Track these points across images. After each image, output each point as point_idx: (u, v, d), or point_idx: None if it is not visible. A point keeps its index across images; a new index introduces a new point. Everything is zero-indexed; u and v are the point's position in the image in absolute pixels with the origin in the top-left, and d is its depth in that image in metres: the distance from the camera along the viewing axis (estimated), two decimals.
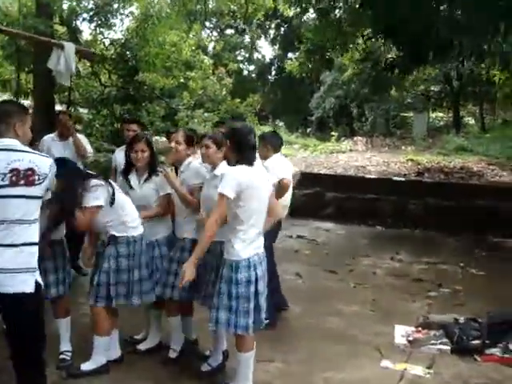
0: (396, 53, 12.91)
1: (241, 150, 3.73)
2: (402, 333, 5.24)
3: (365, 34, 12.50)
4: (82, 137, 6.80)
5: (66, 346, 4.46)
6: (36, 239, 3.06)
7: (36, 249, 3.07)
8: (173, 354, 4.49)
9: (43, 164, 3.07)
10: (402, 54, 11.78)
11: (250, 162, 3.70)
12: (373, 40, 12.80)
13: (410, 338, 5.12)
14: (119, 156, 5.76)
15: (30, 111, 12.36)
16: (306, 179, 12.38)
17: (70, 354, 4.44)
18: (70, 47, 6.93)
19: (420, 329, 5.32)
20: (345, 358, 4.65)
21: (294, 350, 4.76)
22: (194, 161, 4.48)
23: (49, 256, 4.09)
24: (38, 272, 3.08)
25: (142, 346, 4.71)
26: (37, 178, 3.01)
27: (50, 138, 6.65)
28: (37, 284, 3.05)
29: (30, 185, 2.99)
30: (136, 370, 4.33)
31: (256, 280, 3.71)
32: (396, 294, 6.66)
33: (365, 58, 14.30)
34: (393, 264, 8.25)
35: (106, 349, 4.25)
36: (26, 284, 2.98)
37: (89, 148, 6.66)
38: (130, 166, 4.58)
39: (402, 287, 6.97)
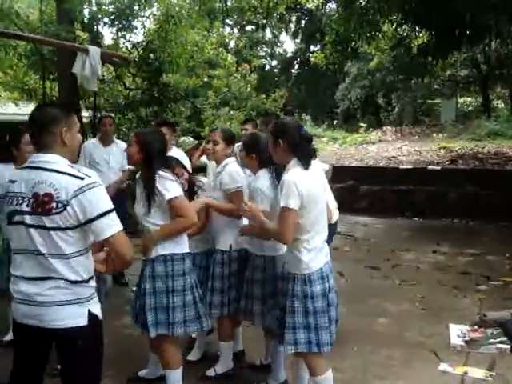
0: (427, 38, 12.54)
1: (296, 150, 3.33)
2: (457, 333, 4.98)
3: (394, 20, 12.16)
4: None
5: None
6: (80, 277, 2.56)
7: (84, 285, 2.58)
8: (211, 373, 4.24)
9: (64, 188, 2.47)
10: (435, 39, 11.43)
11: (306, 162, 3.32)
12: (404, 27, 12.47)
13: (467, 338, 4.85)
14: None
15: None
16: (338, 173, 12.11)
17: None
18: (95, 51, 6.74)
19: (476, 327, 5.05)
20: (400, 362, 4.42)
21: (344, 355, 4.51)
22: (231, 163, 4.17)
23: None
24: (93, 302, 2.63)
25: (190, 357, 4.52)
26: (54, 205, 2.46)
27: (91, 144, 6.40)
28: (90, 316, 2.59)
29: (46, 214, 2.48)
30: None
31: (329, 291, 3.39)
32: (444, 290, 6.39)
33: (397, 44, 13.90)
34: (436, 257, 7.98)
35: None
36: (73, 318, 2.54)
37: None
38: None
39: (450, 282, 6.70)
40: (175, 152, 5.85)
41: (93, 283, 2.64)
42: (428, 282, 6.72)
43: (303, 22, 31.97)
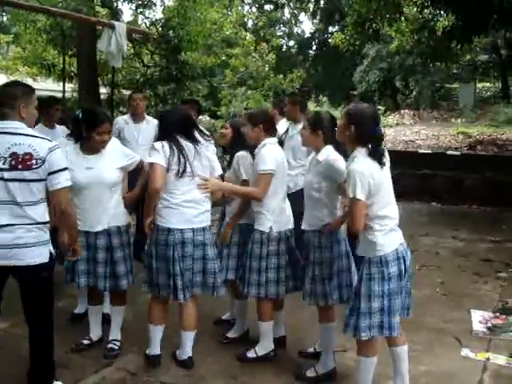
0: (452, 21, 12.35)
1: (367, 138, 3.27)
2: (479, 319, 4.94)
3: (418, 3, 11.97)
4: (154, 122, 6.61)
5: (115, 335, 4.38)
6: (45, 219, 3.29)
7: (47, 226, 3.33)
8: (251, 354, 4.23)
9: (41, 148, 3.18)
10: (461, 22, 11.24)
11: (379, 157, 3.27)
12: (427, 10, 12.28)
13: (489, 325, 4.81)
14: None
15: (75, 95, 12.43)
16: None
17: (118, 343, 4.34)
18: (120, 27, 6.68)
19: (498, 314, 5.01)
20: (421, 347, 4.38)
21: None
22: (268, 144, 4.07)
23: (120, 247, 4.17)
24: (50, 244, 3.37)
25: (230, 334, 4.56)
26: (34, 162, 3.16)
27: (122, 120, 6.33)
28: (50, 254, 3.36)
29: (28, 169, 3.15)
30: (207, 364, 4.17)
31: (405, 272, 3.36)
32: (465, 276, 6.34)
33: (421, 27, 13.68)
34: (455, 243, 7.91)
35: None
36: (41, 255, 3.28)
37: None
38: None
39: (470, 268, 6.64)
40: None
41: (48, 226, 3.35)
42: (448, 267, 6.67)
43: (322, 1, 31.61)
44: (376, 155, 3.26)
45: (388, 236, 3.31)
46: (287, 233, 4.13)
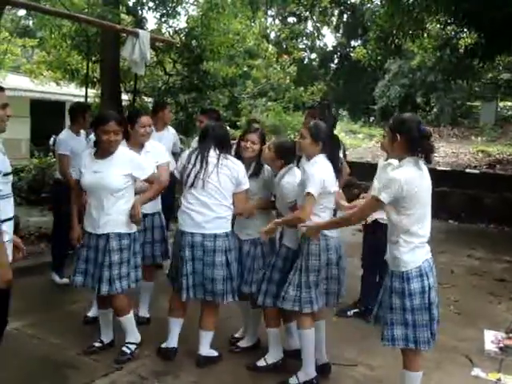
0: (475, 39, 12.31)
1: (413, 146, 3.29)
2: (491, 338, 4.92)
3: (441, 20, 11.97)
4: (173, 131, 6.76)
5: (128, 337, 4.39)
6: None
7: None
8: (261, 363, 4.26)
9: None
10: (484, 40, 11.21)
11: (425, 159, 3.33)
12: (450, 27, 12.27)
13: (501, 345, 4.80)
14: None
15: (97, 100, 12.56)
16: (373, 171, 12.01)
17: (132, 346, 4.36)
18: (144, 35, 6.76)
19: (511, 335, 4.98)
20: (432, 364, 4.36)
21: (377, 353, 4.44)
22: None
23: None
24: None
25: (241, 344, 4.61)
26: None
27: None
28: None
29: None
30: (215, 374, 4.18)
31: (430, 289, 3.37)
32: (479, 295, 6.32)
33: (443, 44, 13.65)
34: (471, 262, 7.88)
35: None
36: None
37: (178, 143, 6.79)
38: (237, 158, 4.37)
39: (485, 287, 6.63)
40: None
41: None
42: (463, 286, 6.65)
43: (345, 16, 31.63)
44: (427, 155, 3.32)
45: (412, 253, 3.32)
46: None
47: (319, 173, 3.80)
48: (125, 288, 4.18)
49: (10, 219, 3.24)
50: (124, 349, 4.32)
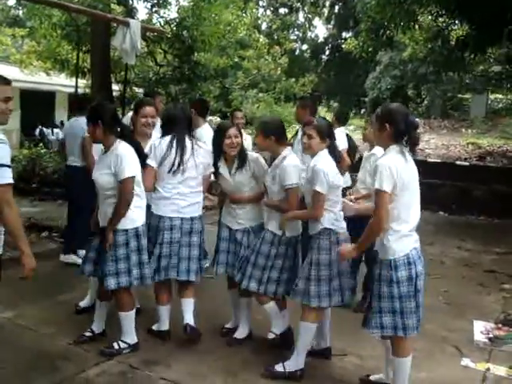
0: (466, 31, 12.33)
1: (400, 136, 3.38)
2: (481, 329, 4.95)
3: (433, 11, 11.98)
4: None
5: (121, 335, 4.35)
6: None
7: None
8: (271, 336, 4.30)
9: None
10: (475, 32, 11.22)
11: (410, 149, 3.42)
12: (441, 19, 12.27)
13: (491, 336, 4.82)
14: None
15: (88, 90, 12.49)
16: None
17: (123, 344, 4.29)
18: (135, 25, 6.73)
19: (500, 325, 5.02)
20: (422, 355, 4.37)
21: (367, 343, 4.44)
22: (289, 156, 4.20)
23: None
24: None
25: (237, 335, 4.56)
26: None
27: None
28: None
29: None
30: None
31: (417, 277, 3.41)
32: (468, 286, 6.35)
33: (434, 36, 13.64)
34: (461, 253, 7.92)
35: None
36: None
37: None
38: (219, 154, 4.38)
39: (474, 278, 6.65)
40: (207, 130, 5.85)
41: None
42: (452, 276, 6.68)
43: (337, 7, 31.64)
44: (412, 145, 3.43)
45: (400, 241, 3.36)
46: (297, 238, 4.23)
47: (326, 168, 3.79)
48: (122, 285, 4.09)
49: None
50: (114, 344, 4.24)
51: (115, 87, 12.71)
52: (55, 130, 17.97)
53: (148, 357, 4.19)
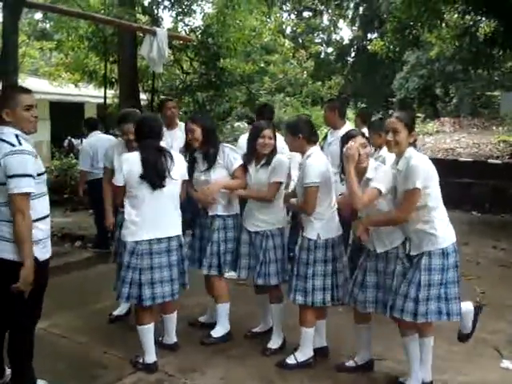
0: (494, 27, 12.15)
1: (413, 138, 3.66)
2: None
3: (460, 9, 11.84)
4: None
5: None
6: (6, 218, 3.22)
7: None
8: (291, 361, 4.20)
9: (0, 152, 3.18)
10: (503, 28, 11.05)
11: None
12: (468, 16, 12.12)
13: None
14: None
15: (116, 100, 12.62)
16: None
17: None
18: (162, 33, 6.77)
19: None
20: (462, 357, 4.31)
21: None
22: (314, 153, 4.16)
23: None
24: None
25: (271, 345, 4.47)
26: None
27: None
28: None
29: None
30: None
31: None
32: (506, 286, 6.21)
33: (463, 33, 13.46)
34: (496, 253, 7.77)
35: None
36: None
37: None
38: (252, 151, 4.38)
39: (511, 278, 6.51)
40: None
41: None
42: (489, 277, 6.55)
43: (361, 8, 31.45)
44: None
45: (448, 229, 3.58)
46: (336, 239, 4.11)
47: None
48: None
49: (46, 217, 3.38)
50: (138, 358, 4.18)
51: (143, 96, 12.83)
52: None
53: (183, 364, 4.19)
